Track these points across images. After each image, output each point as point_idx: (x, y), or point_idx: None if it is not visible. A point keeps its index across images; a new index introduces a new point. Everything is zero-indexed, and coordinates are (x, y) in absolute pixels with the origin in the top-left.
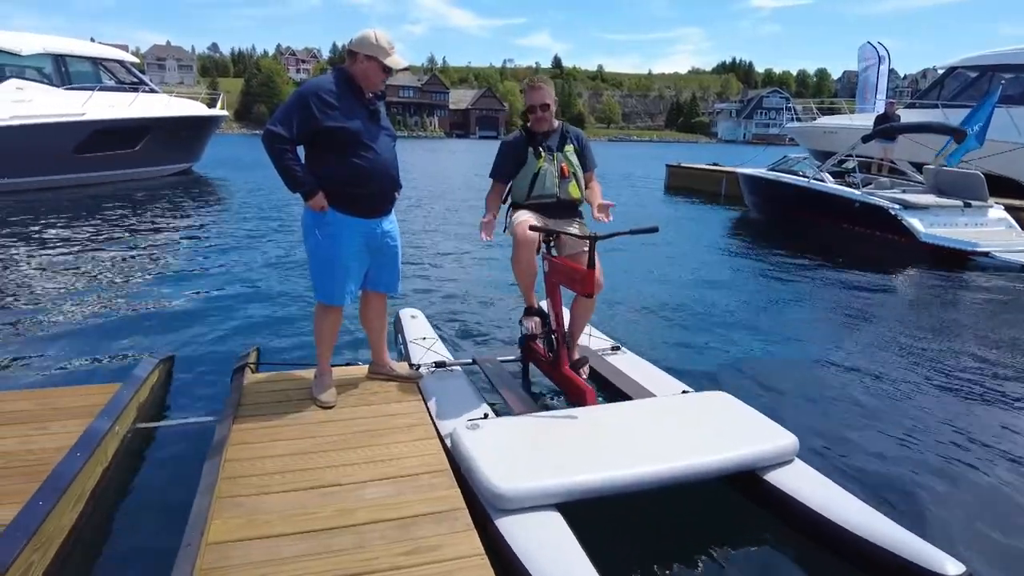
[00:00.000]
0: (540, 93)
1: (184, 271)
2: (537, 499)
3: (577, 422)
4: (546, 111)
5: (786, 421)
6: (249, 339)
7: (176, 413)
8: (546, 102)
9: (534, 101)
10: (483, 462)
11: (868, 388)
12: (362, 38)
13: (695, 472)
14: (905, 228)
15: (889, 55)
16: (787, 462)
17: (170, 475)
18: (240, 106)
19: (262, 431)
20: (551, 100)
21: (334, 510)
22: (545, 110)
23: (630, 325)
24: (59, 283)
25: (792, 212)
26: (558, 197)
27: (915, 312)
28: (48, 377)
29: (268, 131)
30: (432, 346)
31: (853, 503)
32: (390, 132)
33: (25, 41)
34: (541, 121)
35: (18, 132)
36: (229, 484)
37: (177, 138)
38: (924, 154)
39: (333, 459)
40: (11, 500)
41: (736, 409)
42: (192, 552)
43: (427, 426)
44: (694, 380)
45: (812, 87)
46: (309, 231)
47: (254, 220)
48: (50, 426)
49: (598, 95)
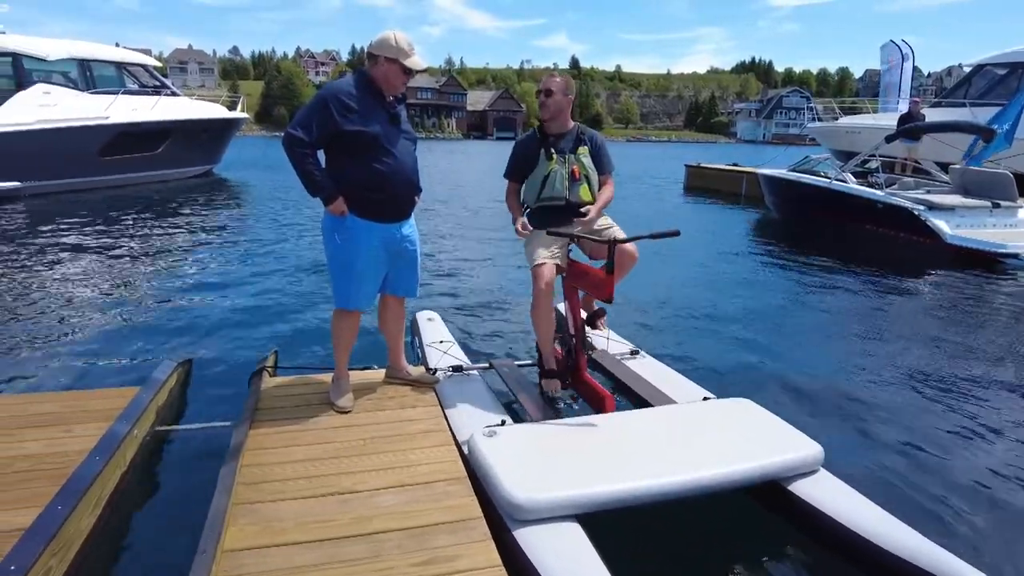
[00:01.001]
0: (547, 80)
1: (203, 273)
2: (556, 510)
3: (597, 430)
4: (549, 97)
5: (809, 429)
6: (267, 342)
7: (194, 416)
8: (549, 88)
9: (540, 87)
10: (500, 471)
11: (895, 395)
12: (382, 40)
13: (718, 483)
14: (930, 229)
15: (913, 53)
16: (812, 472)
17: (187, 479)
18: (260, 108)
19: (279, 436)
20: (556, 88)
21: (350, 518)
22: (548, 96)
23: (648, 328)
24: (81, 285)
25: (814, 213)
26: (567, 200)
27: (943, 316)
28: (72, 378)
29: (288, 135)
30: (449, 350)
31: (880, 515)
32: (410, 135)
33: (52, 46)
34: (544, 109)
35: (45, 135)
36: (245, 490)
37: (198, 140)
38: (950, 154)
39: (349, 465)
40: (34, 504)
41: (759, 417)
42: (207, 560)
43: (443, 432)
44: (714, 385)
45: (833, 86)
46: (328, 236)
47: (273, 223)
48: (74, 428)
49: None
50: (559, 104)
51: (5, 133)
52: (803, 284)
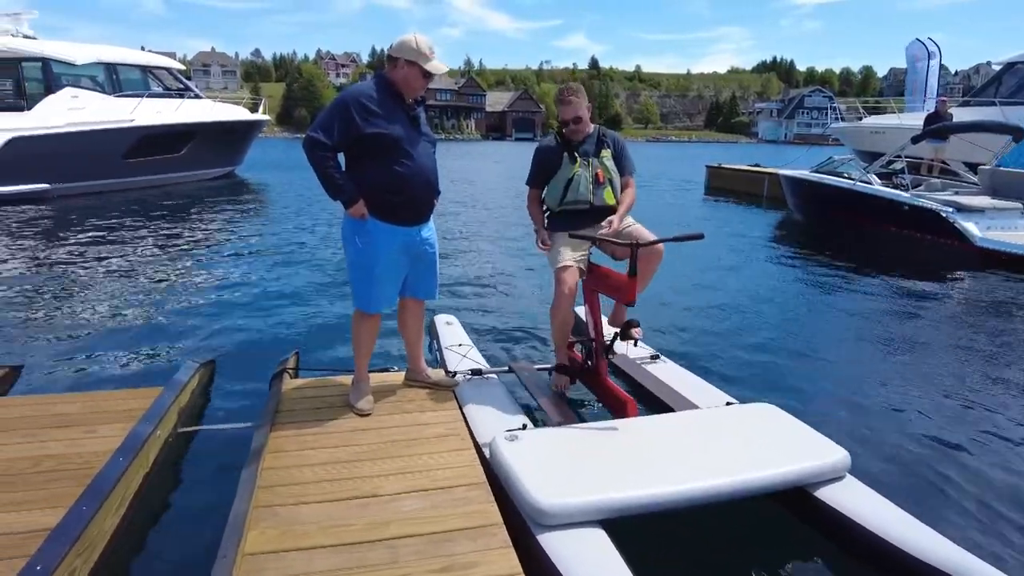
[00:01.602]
0: (571, 108)
1: (225, 274)
2: (581, 515)
3: (619, 434)
4: (579, 123)
5: (833, 434)
6: (288, 344)
7: (216, 418)
8: (578, 115)
9: (566, 116)
10: (523, 475)
11: (923, 401)
12: (402, 43)
13: (745, 489)
14: (959, 232)
15: (940, 51)
16: (839, 478)
17: (209, 480)
18: (282, 110)
19: (299, 439)
20: (583, 112)
21: (368, 522)
22: (578, 123)
23: (668, 332)
24: (105, 285)
25: (837, 215)
26: (591, 203)
27: (972, 321)
28: (95, 378)
29: (309, 138)
30: (467, 353)
31: (910, 522)
32: (430, 138)
33: (80, 51)
34: (575, 132)
35: (73, 138)
36: (266, 493)
37: (220, 142)
38: (979, 155)
39: (369, 469)
40: (58, 504)
41: (784, 422)
42: (228, 564)
43: (463, 436)
44: (736, 390)
45: (856, 86)
46: (349, 239)
47: (294, 224)
48: (97, 429)
49: (636, 96)
50: (586, 121)
51: (35, 136)
52: (826, 286)
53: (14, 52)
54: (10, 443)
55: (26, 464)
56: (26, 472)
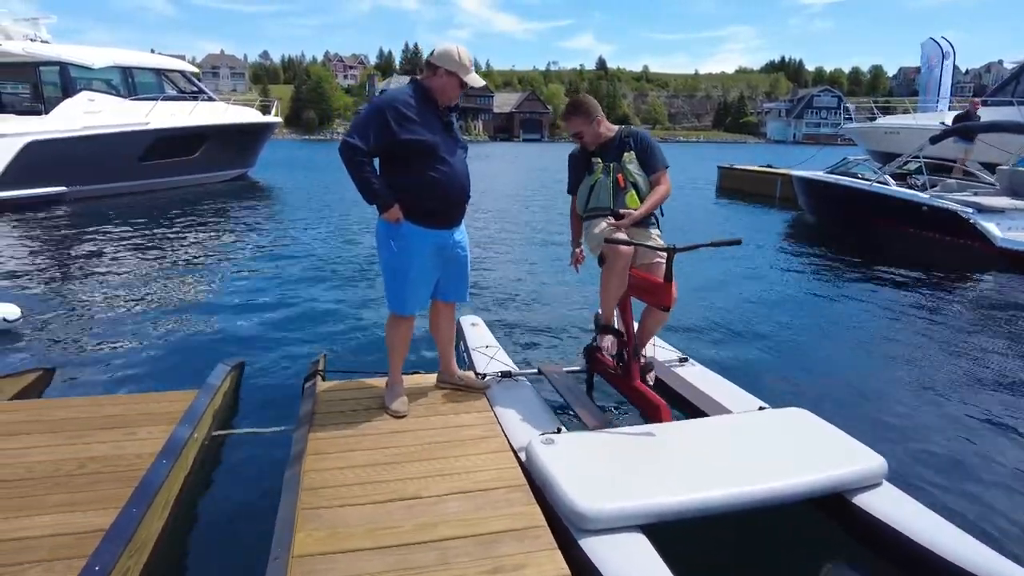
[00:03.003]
0: (570, 124)
1: (243, 275)
2: (622, 520)
3: (655, 439)
4: (582, 139)
5: (866, 439)
6: (313, 345)
7: (248, 419)
8: (579, 131)
9: (570, 131)
10: (563, 479)
11: (955, 406)
12: (445, 52)
13: (784, 494)
14: (979, 233)
15: (954, 50)
16: (876, 484)
17: (245, 482)
18: (290, 112)
19: (338, 441)
20: (583, 127)
21: (414, 524)
22: (580, 138)
23: (692, 335)
24: (131, 289)
25: (853, 216)
26: (612, 210)
27: (998, 324)
28: (132, 380)
29: (345, 143)
30: (495, 355)
31: (949, 529)
32: (462, 144)
33: (97, 55)
34: (588, 144)
35: (89, 141)
36: (310, 496)
37: (234, 144)
38: (994, 155)
39: (409, 471)
40: (107, 505)
41: (818, 427)
42: (281, 566)
43: (499, 438)
44: (764, 394)
45: (866, 85)
46: (383, 242)
47: (308, 226)
48: (138, 431)
49: (643, 96)
50: (594, 133)
51: (53, 139)
52: (847, 288)
53: (32, 56)
54: (55, 444)
55: (72, 465)
56: (73, 473)
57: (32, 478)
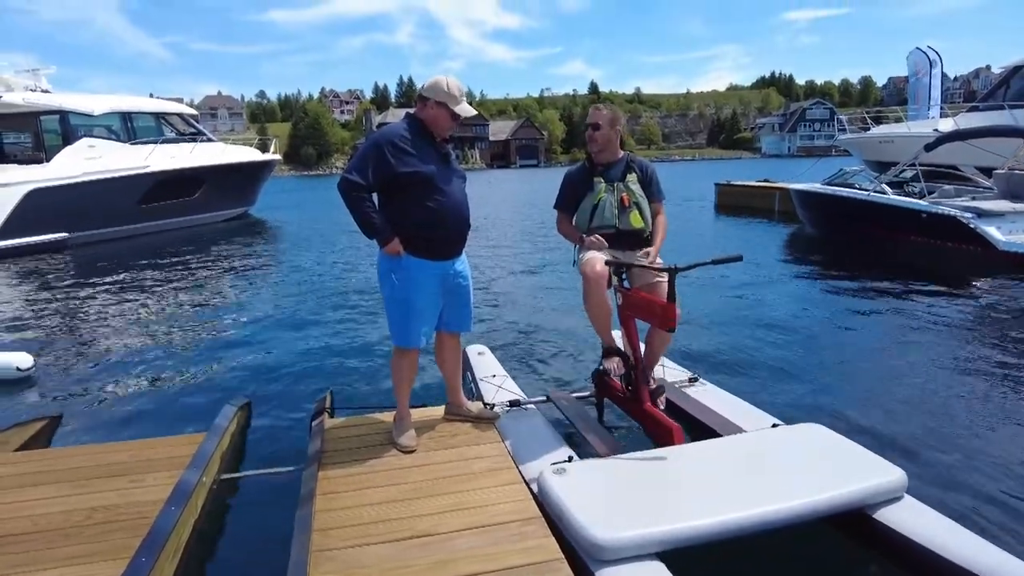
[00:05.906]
0: (594, 114)
1: (247, 315)
2: (639, 548)
3: (668, 463)
4: (596, 131)
5: (883, 453)
6: (316, 381)
7: (256, 460)
8: (596, 122)
9: (587, 121)
10: (576, 509)
11: (971, 416)
12: (434, 84)
13: (804, 513)
14: (981, 237)
15: (941, 59)
16: (897, 498)
17: (257, 525)
18: (289, 148)
19: (348, 479)
20: (603, 121)
21: (430, 562)
22: (596, 130)
23: (700, 353)
24: (132, 331)
25: (853, 226)
26: (617, 227)
27: (1010, 328)
28: (136, 426)
29: (345, 179)
30: (503, 383)
31: (975, 541)
32: (460, 174)
33: (97, 102)
34: (592, 143)
35: (90, 187)
36: (322, 536)
37: (234, 184)
38: (990, 159)
39: (422, 507)
40: (116, 556)
41: (834, 442)
42: None
43: (511, 470)
44: (776, 411)
45: (856, 96)
46: (385, 276)
47: (311, 263)
48: (145, 478)
49: (637, 118)
50: (607, 136)
51: (53, 187)
52: (853, 299)
53: (33, 106)
54: (62, 495)
55: (81, 516)
56: (82, 524)
57: (41, 531)
